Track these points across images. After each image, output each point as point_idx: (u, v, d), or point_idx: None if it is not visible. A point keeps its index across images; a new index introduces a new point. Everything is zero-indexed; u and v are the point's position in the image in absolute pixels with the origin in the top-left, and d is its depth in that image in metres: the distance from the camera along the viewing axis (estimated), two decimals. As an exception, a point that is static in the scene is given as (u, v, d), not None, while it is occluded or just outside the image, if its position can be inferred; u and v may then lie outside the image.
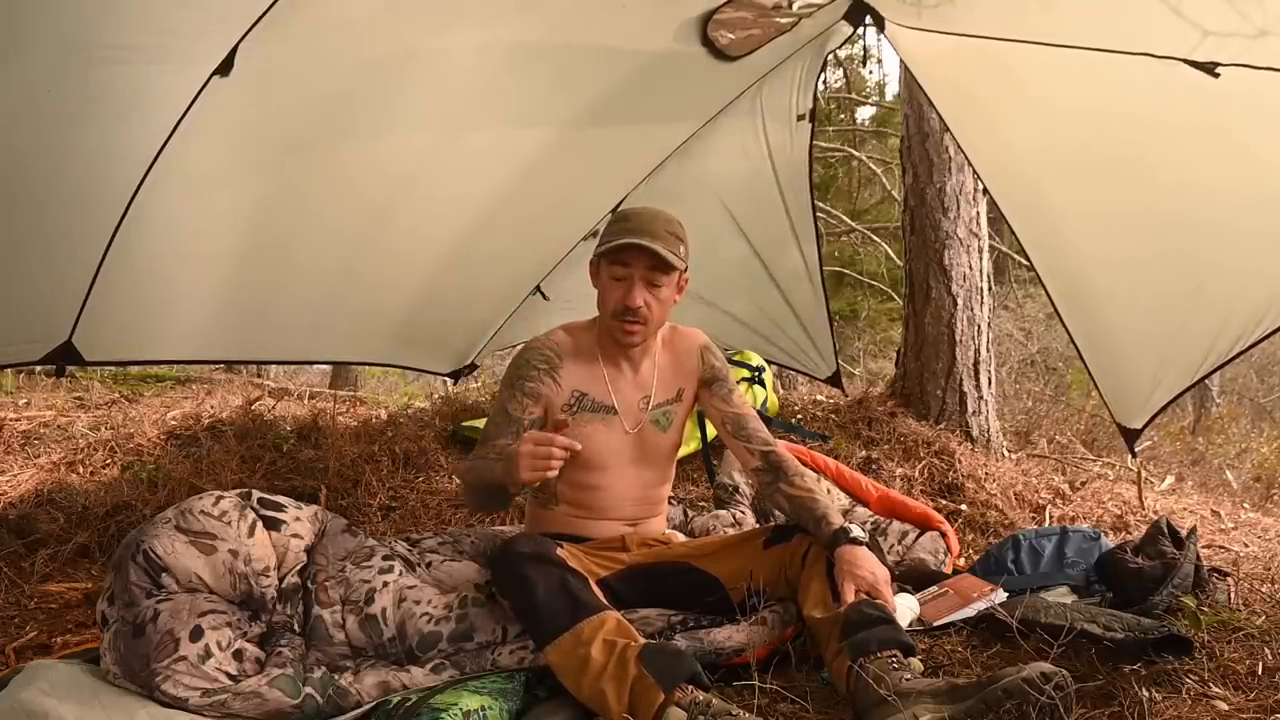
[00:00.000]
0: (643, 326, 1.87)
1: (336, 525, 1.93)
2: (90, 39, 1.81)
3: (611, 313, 1.87)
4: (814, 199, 3.44)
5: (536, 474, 1.62)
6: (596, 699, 1.48)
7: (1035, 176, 2.76)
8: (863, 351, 8.92)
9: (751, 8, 2.54)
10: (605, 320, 1.90)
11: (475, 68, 2.44)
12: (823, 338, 3.74)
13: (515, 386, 1.91)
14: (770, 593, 1.82)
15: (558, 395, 1.92)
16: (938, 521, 2.61)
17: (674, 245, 1.84)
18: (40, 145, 2.01)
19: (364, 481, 3.05)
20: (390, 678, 1.61)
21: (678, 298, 1.94)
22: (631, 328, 1.87)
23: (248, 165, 2.40)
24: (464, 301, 3.56)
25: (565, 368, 1.93)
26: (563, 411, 1.91)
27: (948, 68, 2.69)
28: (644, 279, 1.84)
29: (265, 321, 3.04)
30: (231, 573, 1.66)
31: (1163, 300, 2.67)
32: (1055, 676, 1.32)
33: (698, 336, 2.08)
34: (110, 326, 2.58)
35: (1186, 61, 2.06)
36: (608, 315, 1.89)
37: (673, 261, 1.82)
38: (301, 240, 2.79)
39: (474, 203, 3.01)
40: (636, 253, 1.82)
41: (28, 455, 3.20)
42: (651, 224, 1.84)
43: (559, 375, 1.92)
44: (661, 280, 1.85)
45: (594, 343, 1.96)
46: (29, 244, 2.24)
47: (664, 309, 1.90)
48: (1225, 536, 2.91)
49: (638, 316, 1.85)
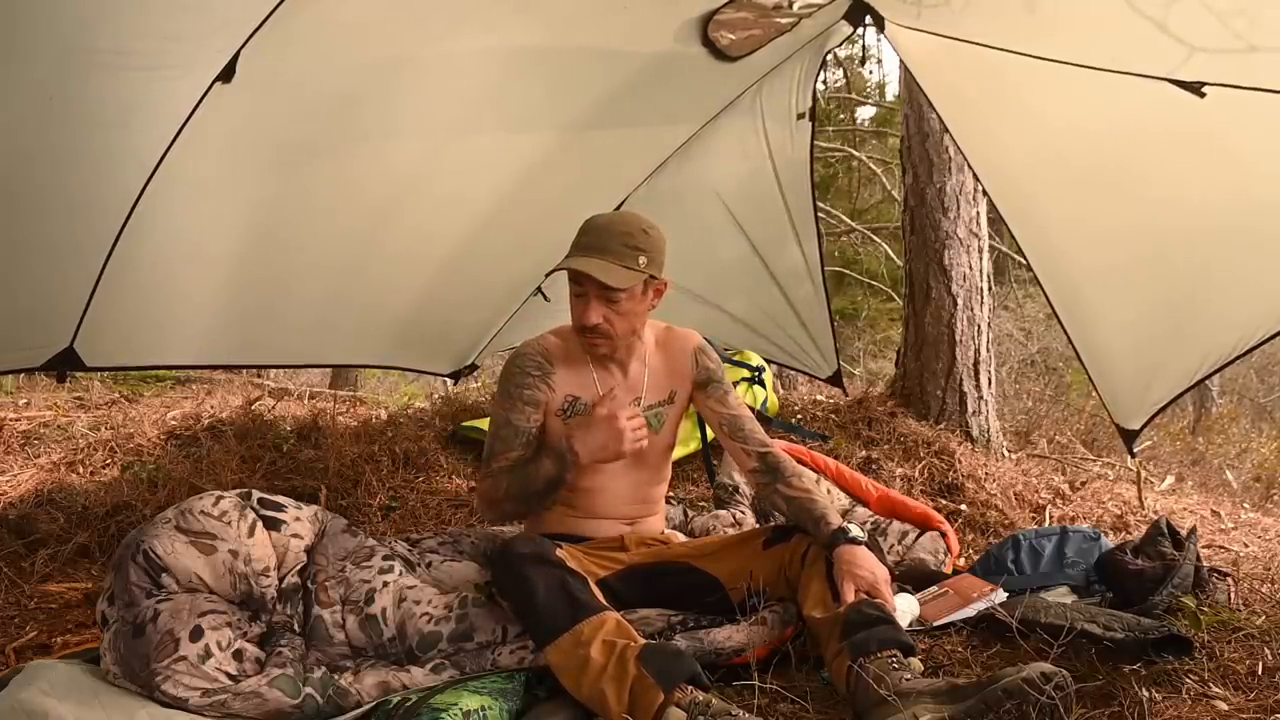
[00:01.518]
0: (606, 340, 1.86)
1: (336, 525, 1.93)
2: (91, 44, 1.81)
3: (576, 328, 1.88)
4: (815, 198, 3.44)
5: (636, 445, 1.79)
6: (596, 699, 1.49)
7: (1030, 183, 2.77)
8: (863, 351, 8.92)
9: (752, 8, 2.54)
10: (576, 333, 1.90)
11: (477, 71, 2.44)
12: (824, 337, 3.74)
13: (514, 396, 1.90)
14: (770, 593, 1.82)
15: (552, 400, 1.92)
16: (938, 521, 2.61)
17: (627, 258, 1.79)
18: (42, 150, 2.01)
19: (364, 481, 3.05)
20: (390, 678, 1.61)
21: (656, 302, 1.91)
22: (594, 341, 1.87)
23: (249, 170, 2.40)
24: (465, 303, 3.56)
25: (557, 372, 1.93)
26: (557, 416, 1.91)
27: (946, 69, 2.70)
28: (599, 296, 1.81)
29: (267, 326, 3.04)
30: (231, 573, 1.66)
31: (1156, 307, 2.69)
32: (1055, 676, 1.32)
33: (692, 338, 2.07)
34: (112, 332, 2.58)
35: (1173, 82, 2.06)
36: (574, 330, 1.89)
37: (614, 282, 1.77)
38: (303, 244, 2.79)
39: (475, 205, 3.02)
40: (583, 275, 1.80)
41: (28, 455, 3.20)
42: (602, 237, 1.81)
43: (552, 380, 1.92)
44: (617, 296, 1.81)
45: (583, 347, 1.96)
46: (31, 249, 2.24)
47: (628, 320, 1.86)
48: (1225, 536, 2.91)
49: (597, 333, 1.84)
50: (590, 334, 1.85)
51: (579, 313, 1.84)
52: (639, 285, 1.83)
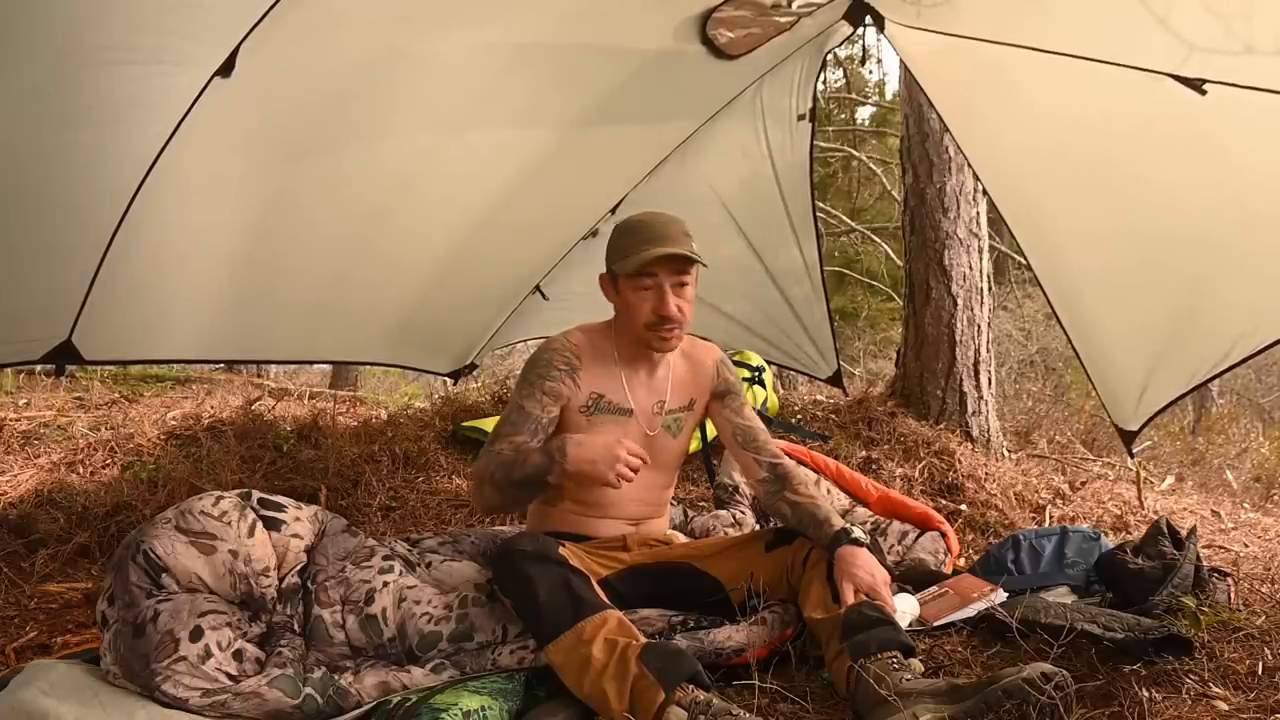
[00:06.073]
0: (679, 329, 1.90)
1: (336, 525, 1.93)
2: (88, 41, 1.81)
3: (645, 324, 1.88)
4: (814, 199, 3.44)
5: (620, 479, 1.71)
6: (597, 698, 1.49)
7: (1030, 183, 2.78)
8: (863, 351, 8.92)
9: (750, 6, 2.54)
10: (637, 331, 1.90)
11: (475, 68, 2.44)
12: (823, 337, 3.74)
13: (535, 385, 1.90)
14: (771, 595, 1.82)
15: (576, 396, 1.92)
16: (938, 521, 2.61)
17: (690, 246, 1.86)
18: (39, 146, 2.01)
19: (364, 481, 3.05)
20: (390, 678, 1.61)
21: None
22: (668, 334, 1.89)
23: (248, 165, 2.40)
24: (463, 301, 3.56)
25: (584, 369, 1.93)
26: (581, 412, 1.92)
27: (946, 69, 2.70)
28: (672, 284, 1.86)
29: (265, 321, 3.04)
30: (231, 573, 1.66)
31: (1157, 309, 2.69)
32: (1055, 676, 1.32)
33: (714, 351, 2.11)
34: (110, 326, 2.58)
35: (1174, 77, 2.06)
36: (640, 327, 1.89)
37: (698, 259, 1.85)
38: (302, 240, 2.79)
39: (474, 202, 3.02)
40: (662, 262, 1.83)
41: (28, 455, 3.20)
42: (667, 228, 1.86)
43: (579, 377, 1.92)
44: (688, 280, 1.88)
45: (611, 345, 1.97)
46: (29, 244, 2.23)
47: (692, 307, 1.92)
48: (1225, 536, 2.91)
49: (674, 321, 1.87)
50: (667, 325, 1.87)
51: (656, 305, 1.86)
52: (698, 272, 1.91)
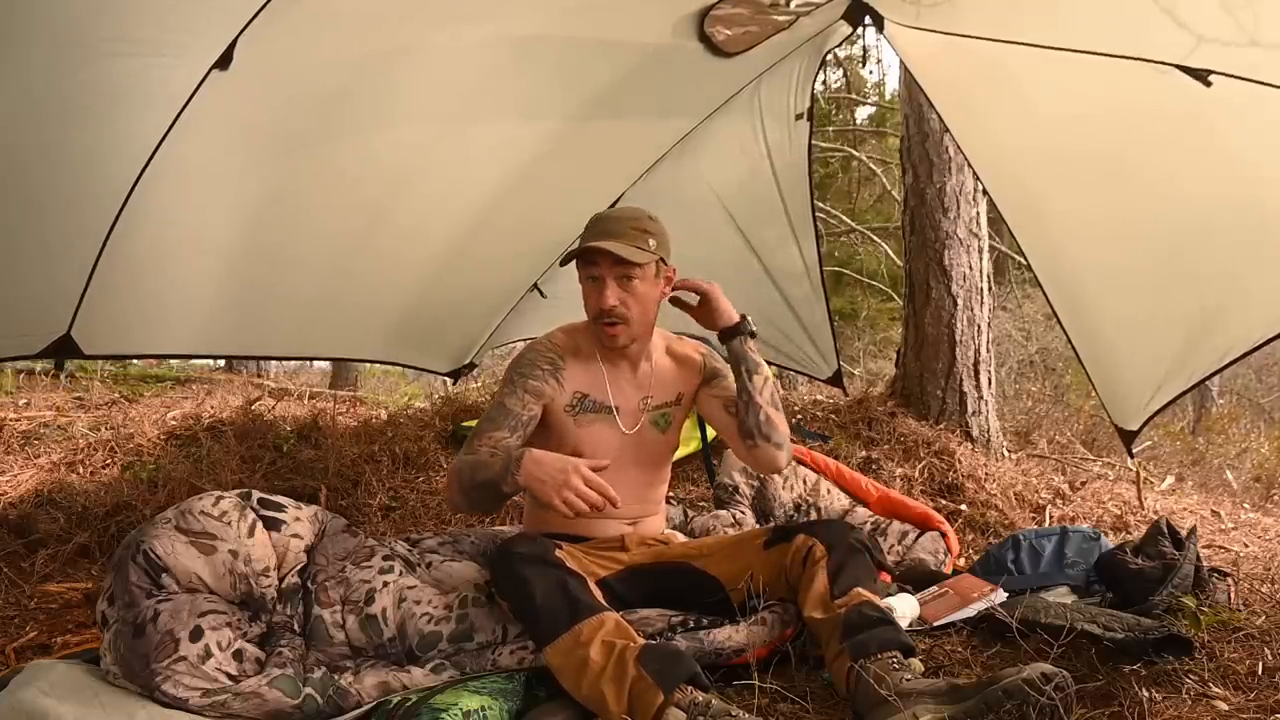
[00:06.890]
0: (624, 326, 1.88)
1: (336, 525, 1.93)
2: (87, 33, 1.81)
3: (593, 316, 1.89)
4: (813, 199, 3.44)
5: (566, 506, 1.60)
6: (596, 700, 1.48)
7: (1030, 182, 2.77)
8: (863, 351, 8.92)
9: (748, 4, 2.54)
10: (590, 324, 1.92)
11: (473, 62, 2.44)
12: (823, 338, 3.74)
13: (518, 383, 1.90)
14: (770, 593, 1.82)
15: (560, 396, 1.92)
16: (938, 521, 2.61)
17: (638, 240, 1.84)
18: (38, 139, 2.01)
19: (364, 481, 3.05)
20: (390, 678, 1.60)
21: (666, 290, 1.95)
22: (612, 329, 1.88)
23: (247, 159, 2.40)
24: (462, 299, 3.56)
25: (568, 369, 1.93)
26: (566, 412, 1.91)
27: (946, 68, 2.70)
28: (615, 278, 1.85)
29: (264, 316, 3.04)
30: (231, 573, 1.66)
31: (1157, 307, 2.69)
32: (1055, 677, 1.32)
33: (700, 346, 2.11)
34: (109, 320, 2.58)
35: (1180, 68, 2.05)
36: (590, 319, 1.91)
37: (631, 257, 1.82)
38: (301, 234, 2.79)
39: (473, 198, 3.01)
40: (599, 254, 1.83)
41: (28, 455, 3.20)
42: (614, 224, 1.86)
43: (562, 377, 1.92)
44: (634, 274, 1.85)
45: (593, 344, 1.97)
46: (27, 237, 2.24)
47: (644, 305, 1.89)
48: (1225, 536, 2.92)
49: (615, 316, 1.86)
50: (608, 318, 1.86)
51: (595, 298, 1.86)
52: (651, 266, 1.88)
